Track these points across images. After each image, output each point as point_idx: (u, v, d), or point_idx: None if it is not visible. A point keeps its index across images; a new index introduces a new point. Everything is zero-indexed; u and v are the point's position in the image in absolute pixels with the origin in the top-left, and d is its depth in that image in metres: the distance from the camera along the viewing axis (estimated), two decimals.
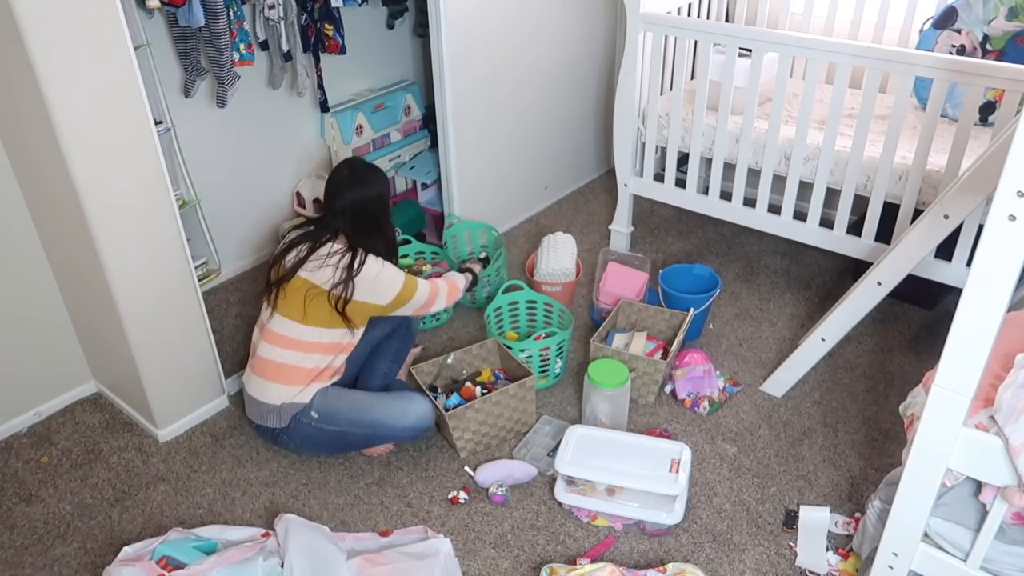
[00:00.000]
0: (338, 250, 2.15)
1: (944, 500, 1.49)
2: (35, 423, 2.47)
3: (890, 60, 2.33)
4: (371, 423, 2.19)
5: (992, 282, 1.18)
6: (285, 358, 2.17)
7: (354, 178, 2.20)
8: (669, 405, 2.50)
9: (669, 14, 2.89)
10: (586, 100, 3.70)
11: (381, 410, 2.20)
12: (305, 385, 2.16)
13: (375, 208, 2.21)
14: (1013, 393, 1.35)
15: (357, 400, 2.21)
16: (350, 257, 2.14)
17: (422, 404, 2.23)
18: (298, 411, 2.16)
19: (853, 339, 2.73)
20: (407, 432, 2.22)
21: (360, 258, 2.15)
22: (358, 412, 2.19)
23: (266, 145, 3.13)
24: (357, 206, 2.18)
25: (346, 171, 2.22)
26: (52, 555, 2.05)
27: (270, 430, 2.22)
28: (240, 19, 2.65)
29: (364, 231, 2.19)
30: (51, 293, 2.40)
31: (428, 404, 2.24)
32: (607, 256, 2.91)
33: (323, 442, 2.23)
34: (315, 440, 2.22)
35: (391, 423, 2.20)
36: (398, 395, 2.27)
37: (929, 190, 2.46)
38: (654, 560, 2.00)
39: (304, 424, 2.17)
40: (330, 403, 2.17)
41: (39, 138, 1.93)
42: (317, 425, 2.17)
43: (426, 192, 3.47)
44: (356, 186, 2.19)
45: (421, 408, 2.22)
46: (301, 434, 2.20)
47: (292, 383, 2.16)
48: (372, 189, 2.20)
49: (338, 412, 2.17)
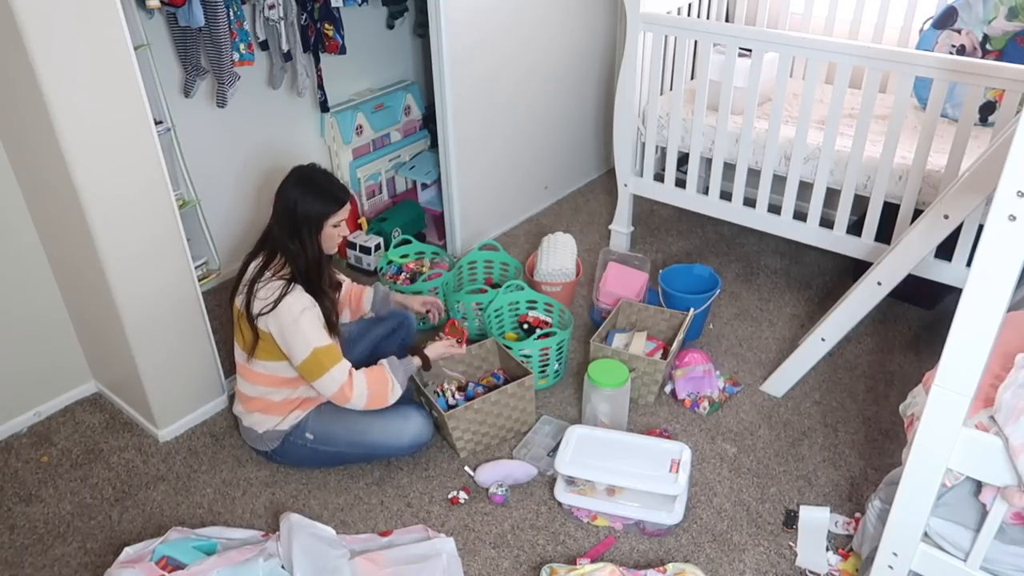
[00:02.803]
0: (267, 279, 2.03)
1: (944, 500, 1.49)
2: (35, 423, 2.47)
3: (890, 60, 2.33)
4: (369, 444, 2.20)
5: (992, 282, 1.18)
6: (253, 392, 2.18)
7: (297, 179, 2.07)
8: (669, 405, 2.50)
9: (669, 14, 2.89)
10: (586, 100, 3.70)
11: (378, 431, 2.19)
12: (284, 415, 2.17)
13: (299, 217, 2.04)
14: (1013, 393, 1.35)
15: (354, 421, 2.18)
16: (277, 287, 2.02)
17: (418, 421, 2.21)
18: (289, 433, 2.17)
19: (853, 339, 2.73)
20: (404, 451, 2.24)
21: (285, 289, 2.01)
22: (355, 434, 2.18)
23: (266, 145, 3.13)
24: (285, 207, 2.05)
25: (298, 170, 2.10)
26: (52, 555, 2.05)
27: (264, 452, 2.25)
28: (240, 19, 2.65)
29: (285, 235, 2.05)
30: (51, 293, 2.40)
31: (424, 420, 2.23)
32: (607, 256, 2.91)
33: (318, 461, 2.25)
34: (310, 459, 2.24)
35: (388, 443, 2.20)
36: (394, 413, 2.22)
37: (929, 190, 2.46)
38: (654, 560, 2.00)
39: (299, 446, 2.19)
40: (326, 425, 2.17)
41: (39, 138, 1.93)
42: (312, 446, 2.18)
43: (426, 192, 3.47)
44: (293, 187, 2.06)
45: (417, 426, 2.21)
46: (296, 455, 2.22)
47: (269, 413, 2.17)
48: (306, 198, 2.03)
49: (334, 434, 2.17)
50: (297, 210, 2.04)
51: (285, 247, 2.06)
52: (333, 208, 2.07)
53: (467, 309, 2.70)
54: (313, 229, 2.06)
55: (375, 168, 3.40)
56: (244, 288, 2.07)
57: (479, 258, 2.98)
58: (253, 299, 2.04)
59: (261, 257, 2.10)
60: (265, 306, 2.02)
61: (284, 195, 2.07)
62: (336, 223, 2.09)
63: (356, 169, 3.32)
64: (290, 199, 2.05)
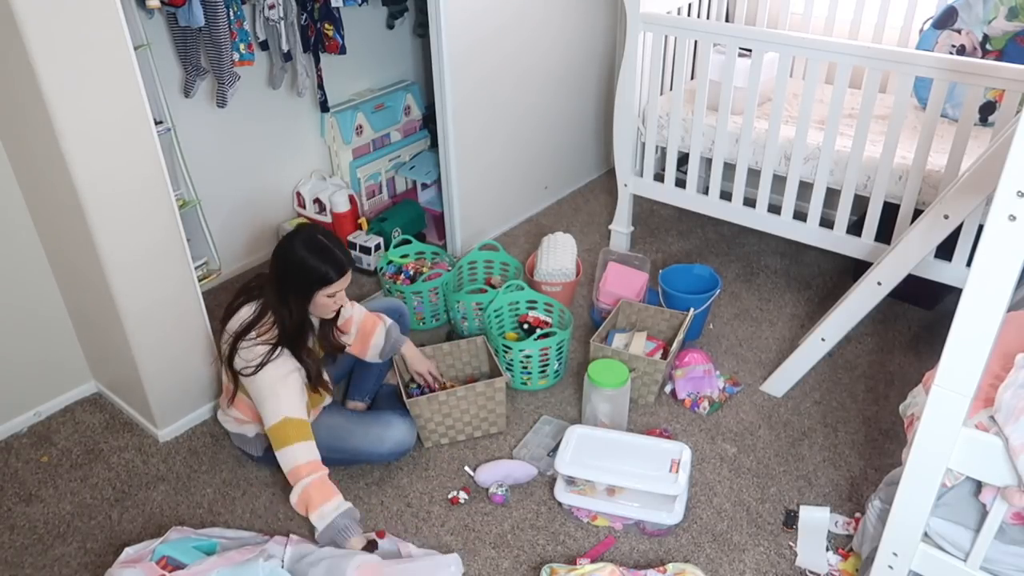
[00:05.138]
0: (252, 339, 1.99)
1: (944, 500, 1.49)
2: (35, 423, 2.47)
3: (890, 60, 2.33)
4: (350, 450, 2.19)
5: (992, 282, 1.17)
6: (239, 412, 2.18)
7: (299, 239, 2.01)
8: (669, 405, 2.50)
9: (669, 14, 2.89)
10: (586, 100, 3.70)
11: (359, 437, 2.19)
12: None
13: (291, 281, 2.00)
14: (1013, 393, 1.35)
15: (335, 427, 2.18)
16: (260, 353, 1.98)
17: (399, 428, 2.20)
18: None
19: (853, 339, 2.73)
20: (385, 458, 2.22)
21: (268, 356, 1.97)
22: (336, 439, 2.17)
23: (266, 145, 3.13)
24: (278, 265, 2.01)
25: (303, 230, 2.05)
26: (52, 555, 2.05)
27: (249, 455, 2.26)
28: (240, 19, 2.65)
29: (273, 293, 2.02)
30: (51, 293, 2.40)
31: (405, 427, 2.22)
32: (607, 256, 2.91)
33: None
34: None
35: (369, 449, 2.19)
36: (376, 419, 2.23)
37: (929, 190, 2.46)
38: (654, 560, 2.00)
39: None
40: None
41: (39, 138, 1.93)
42: None
43: (426, 192, 3.47)
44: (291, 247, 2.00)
45: (398, 433, 2.20)
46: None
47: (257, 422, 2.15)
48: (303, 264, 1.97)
49: (317, 439, 2.13)
50: (288, 274, 1.99)
51: (275, 306, 2.01)
52: (324, 282, 2.00)
53: (467, 309, 2.70)
54: (303, 297, 2.01)
55: (375, 168, 3.40)
56: (228, 339, 2.05)
57: (479, 258, 2.98)
58: (235, 355, 2.02)
59: (250, 312, 2.04)
60: (246, 368, 1.99)
61: (280, 251, 2.02)
62: (331, 293, 2.03)
63: (356, 169, 3.32)
64: (284, 258, 2.00)
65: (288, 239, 2.03)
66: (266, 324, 2.02)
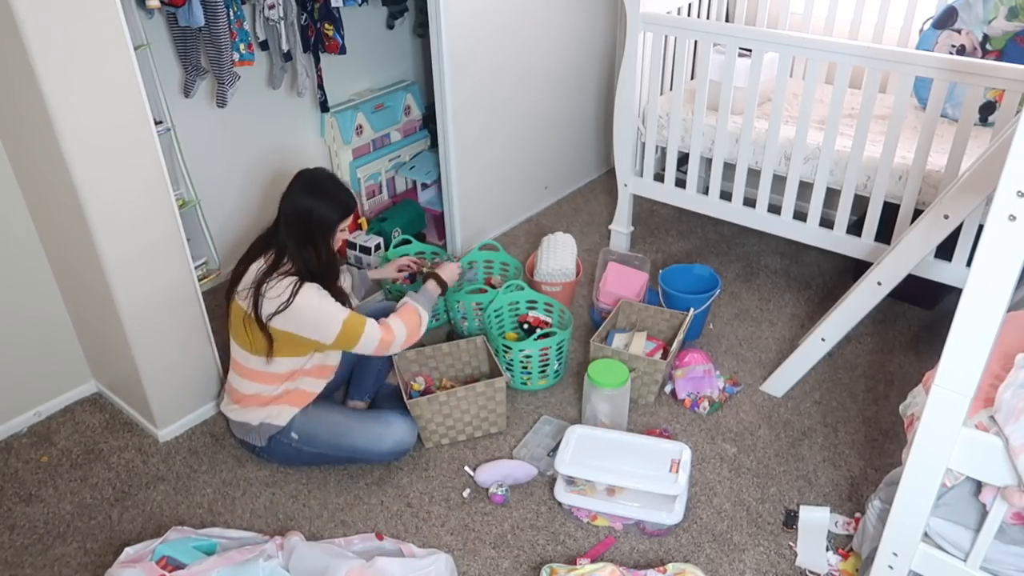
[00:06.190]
0: (276, 278, 2.04)
1: (944, 500, 1.49)
2: (35, 423, 2.47)
3: (890, 60, 2.33)
4: (349, 448, 2.20)
5: (992, 282, 1.17)
6: (250, 389, 2.18)
7: (307, 185, 2.11)
8: (669, 405, 2.50)
9: (669, 14, 2.89)
10: (586, 100, 3.70)
11: (359, 435, 2.19)
12: (280, 408, 2.17)
13: (314, 223, 2.08)
14: (1013, 393, 1.35)
15: (335, 423, 2.20)
16: (288, 285, 2.03)
17: (399, 428, 2.21)
18: (277, 431, 2.17)
19: (853, 339, 2.73)
20: (385, 457, 2.23)
21: (295, 286, 2.03)
22: (336, 436, 2.19)
23: (266, 145, 3.12)
24: (297, 214, 2.08)
25: (307, 176, 2.13)
26: (52, 555, 2.05)
27: (252, 446, 2.26)
28: (240, 19, 2.65)
29: (296, 240, 2.08)
30: (51, 293, 2.40)
31: (406, 427, 2.22)
32: (607, 256, 2.91)
33: (304, 461, 2.26)
34: (296, 459, 2.25)
35: (368, 447, 2.20)
36: (376, 417, 2.24)
37: (929, 190, 2.46)
38: (654, 560, 2.00)
39: (285, 444, 2.20)
40: (309, 425, 2.18)
41: (39, 138, 1.93)
42: (297, 447, 2.19)
43: (426, 192, 3.47)
44: (304, 194, 2.09)
45: (398, 432, 2.20)
46: (282, 453, 2.23)
47: (267, 406, 2.17)
48: (319, 204, 2.08)
49: (317, 435, 2.18)
50: (311, 217, 2.08)
51: (295, 252, 2.08)
52: (345, 214, 2.14)
53: (467, 309, 2.70)
54: (327, 234, 2.12)
55: (375, 168, 3.40)
56: (249, 292, 2.07)
57: (479, 258, 2.97)
58: (262, 300, 2.04)
59: (264, 260, 2.10)
60: (280, 304, 2.02)
61: (294, 201, 2.09)
62: (344, 227, 2.17)
63: (356, 169, 3.32)
64: (302, 206, 2.08)
65: (297, 187, 2.11)
66: (285, 266, 2.08)
